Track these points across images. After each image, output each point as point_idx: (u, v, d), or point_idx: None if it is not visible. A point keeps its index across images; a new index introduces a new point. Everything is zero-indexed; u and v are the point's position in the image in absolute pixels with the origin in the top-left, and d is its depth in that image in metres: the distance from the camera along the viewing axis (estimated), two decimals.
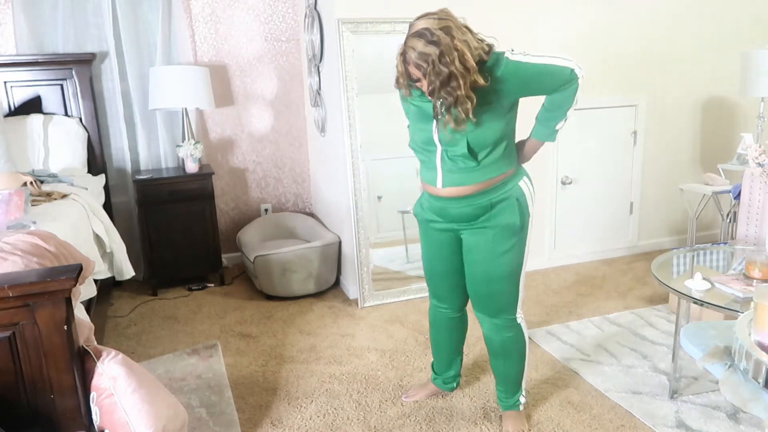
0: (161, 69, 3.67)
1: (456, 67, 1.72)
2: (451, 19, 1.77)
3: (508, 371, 2.19)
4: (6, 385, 1.63)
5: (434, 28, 1.73)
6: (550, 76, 1.84)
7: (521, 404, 2.24)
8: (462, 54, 1.72)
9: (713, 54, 4.17)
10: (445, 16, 1.77)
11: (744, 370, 1.43)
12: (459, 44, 1.72)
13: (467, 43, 1.75)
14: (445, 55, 1.72)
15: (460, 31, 1.75)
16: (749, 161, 2.75)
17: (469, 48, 1.74)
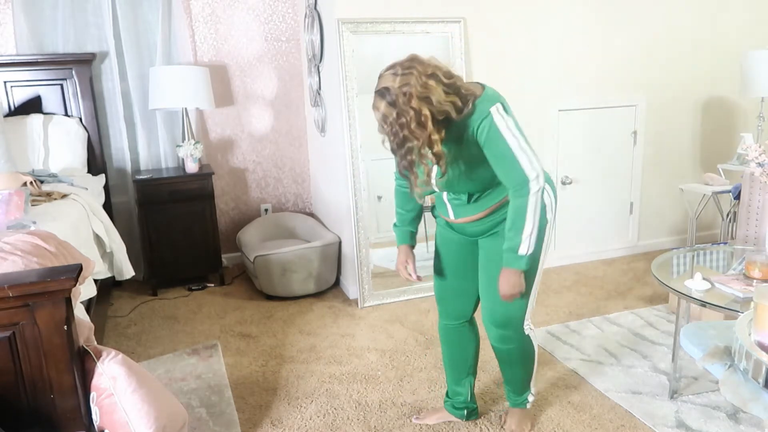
0: (161, 69, 3.67)
1: (411, 130, 1.66)
2: (414, 73, 1.66)
3: (515, 376, 2.16)
4: (6, 385, 1.63)
5: (394, 87, 1.66)
6: (507, 167, 1.74)
7: (529, 402, 2.22)
8: (419, 115, 1.64)
9: (713, 54, 4.17)
10: (406, 71, 1.67)
11: (744, 370, 1.43)
12: (417, 104, 1.64)
13: (428, 101, 1.65)
14: (401, 116, 1.65)
15: (423, 87, 1.65)
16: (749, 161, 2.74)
17: (429, 106, 1.65)
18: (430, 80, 1.67)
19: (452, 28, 3.45)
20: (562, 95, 3.84)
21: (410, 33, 3.36)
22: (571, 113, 3.90)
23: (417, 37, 3.40)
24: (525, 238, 1.78)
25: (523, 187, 1.75)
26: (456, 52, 3.48)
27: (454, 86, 1.72)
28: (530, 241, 1.78)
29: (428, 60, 1.74)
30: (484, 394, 2.49)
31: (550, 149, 3.86)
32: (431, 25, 3.39)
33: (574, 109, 3.89)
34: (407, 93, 1.65)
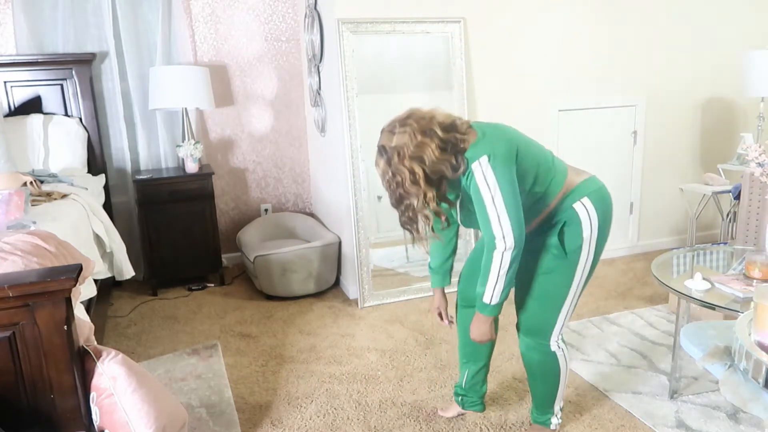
0: (161, 69, 3.67)
1: (406, 189, 1.71)
2: (408, 131, 1.70)
3: (536, 390, 2.13)
4: (6, 385, 1.63)
5: (389, 145, 1.72)
6: (482, 222, 1.77)
7: (551, 424, 2.15)
8: (413, 174, 1.69)
9: (713, 54, 4.17)
10: (402, 128, 1.71)
11: (744, 370, 1.43)
12: (410, 164, 1.68)
13: (421, 160, 1.69)
14: (396, 175, 1.71)
15: (417, 147, 1.68)
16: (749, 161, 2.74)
17: (422, 165, 1.69)
18: (424, 138, 1.70)
19: (452, 28, 3.45)
20: (562, 95, 3.84)
21: (410, 33, 3.36)
22: (571, 113, 3.90)
23: (417, 37, 3.40)
24: (489, 289, 1.80)
25: (491, 243, 1.76)
26: (456, 52, 3.48)
27: (451, 141, 1.72)
28: (494, 292, 1.80)
29: (426, 113, 1.76)
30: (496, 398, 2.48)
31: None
32: (431, 25, 3.39)
33: (574, 109, 3.89)
34: (401, 153, 1.69)
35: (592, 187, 1.89)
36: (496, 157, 1.72)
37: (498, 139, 1.77)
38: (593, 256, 1.90)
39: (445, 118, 1.76)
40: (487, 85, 3.63)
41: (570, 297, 1.93)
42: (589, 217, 1.85)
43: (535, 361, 2.05)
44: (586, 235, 1.86)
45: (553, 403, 2.13)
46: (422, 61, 3.45)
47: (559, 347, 2.02)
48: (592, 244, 1.88)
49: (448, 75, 3.51)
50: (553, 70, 3.78)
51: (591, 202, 1.86)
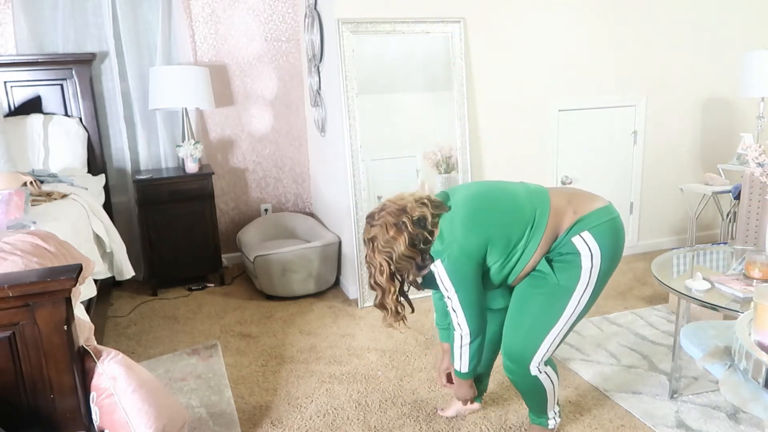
0: (161, 69, 3.67)
1: (376, 280, 1.86)
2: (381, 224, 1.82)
3: (527, 402, 2.12)
4: (6, 385, 1.63)
5: (367, 237, 1.86)
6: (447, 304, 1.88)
7: (549, 424, 2.14)
8: (380, 268, 1.82)
9: (713, 54, 4.17)
10: (376, 221, 1.84)
11: (744, 370, 1.43)
12: (379, 257, 1.82)
13: (389, 256, 1.81)
14: (370, 266, 1.87)
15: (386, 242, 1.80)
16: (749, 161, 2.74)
17: (389, 261, 1.81)
18: (394, 232, 1.80)
19: (452, 28, 3.45)
20: (562, 95, 3.84)
21: (410, 33, 3.36)
22: (571, 113, 3.90)
23: (417, 37, 3.41)
24: (456, 361, 1.97)
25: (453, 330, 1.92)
26: (456, 52, 3.48)
27: (420, 237, 1.80)
28: (461, 364, 1.95)
29: (399, 206, 1.83)
30: (487, 397, 2.49)
31: (550, 149, 3.86)
32: (431, 25, 3.39)
33: (574, 109, 3.89)
34: (374, 245, 1.83)
35: (597, 221, 1.83)
36: (449, 258, 1.80)
37: (454, 238, 1.80)
38: (594, 288, 1.86)
39: (418, 212, 1.82)
40: (487, 85, 3.63)
41: (560, 325, 1.88)
42: (590, 251, 1.81)
43: (516, 381, 2.02)
44: (586, 267, 1.82)
45: (546, 411, 2.12)
46: (422, 61, 3.45)
47: (540, 371, 1.95)
48: (593, 278, 1.84)
49: (448, 75, 3.51)
50: (553, 70, 3.78)
51: (593, 236, 1.81)
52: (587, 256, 1.81)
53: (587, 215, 1.84)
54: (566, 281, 1.84)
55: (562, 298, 1.86)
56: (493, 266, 1.85)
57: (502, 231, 1.82)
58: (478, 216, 1.84)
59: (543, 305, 1.87)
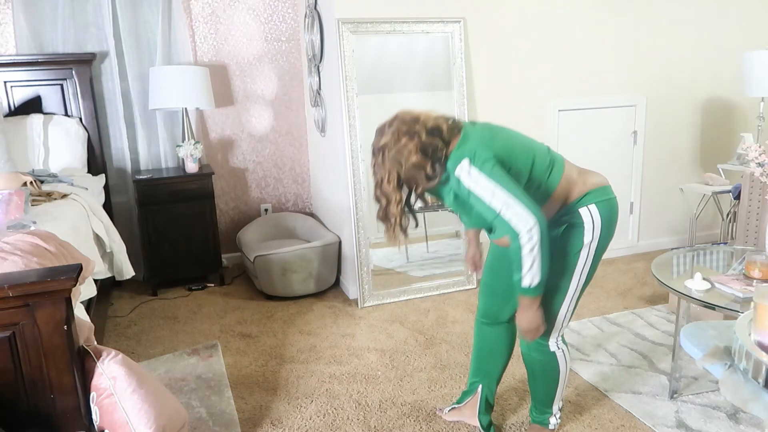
0: (161, 69, 3.67)
1: (382, 189, 1.79)
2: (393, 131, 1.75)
3: (536, 388, 2.12)
4: (6, 385, 1.63)
5: (377, 145, 1.80)
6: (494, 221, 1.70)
7: (550, 423, 2.16)
8: (388, 176, 1.76)
9: (713, 54, 4.17)
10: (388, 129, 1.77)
11: (744, 370, 1.43)
12: (389, 165, 1.76)
13: (398, 163, 1.74)
14: (377, 174, 1.81)
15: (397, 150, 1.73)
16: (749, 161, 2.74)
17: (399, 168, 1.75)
18: (407, 140, 1.73)
19: (452, 28, 3.45)
20: (562, 95, 3.84)
21: (410, 33, 3.36)
22: (571, 113, 3.90)
23: (417, 37, 3.41)
24: (526, 274, 1.73)
25: (514, 238, 1.70)
26: (456, 52, 3.48)
27: (432, 146, 1.73)
28: (532, 274, 1.72)
29: (413, 115, 1.78)
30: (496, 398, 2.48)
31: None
32: (431, 25, 3.39)
33: (574, 109, 3.89)
34: (383, 153, 1.77)
35: (603, 196, 1.87)
36: (477, 157, 1.71)
37: (479, 140, 1.76)
38: (591, 263, 1.90)
39: (433, 121, 1.77)
40: (487, 85, 3.63)
41: (567, 299, 1.92)
42: (593, 223, 1.84)
43: (535, 361, 2.05)
44: (587, 241, 1.85)
45: (552, 403, 2.13)
46: (422, 61, 3.45)
47: (559, 347, 2.02)
48: (591, 251, 1.87)
49: (448, 75, 3.51)
50: (553, 70, 3.78)
51: (598, 209, 1.85)
52: (590, 229, 1.84)
53: (595, 189, 1.87)
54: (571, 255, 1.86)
55: (567, 272, 1.88)
56: None
57: (523, 154, 1.81)
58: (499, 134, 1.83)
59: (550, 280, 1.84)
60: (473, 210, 1.78)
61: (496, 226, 1.72)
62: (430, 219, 3.62)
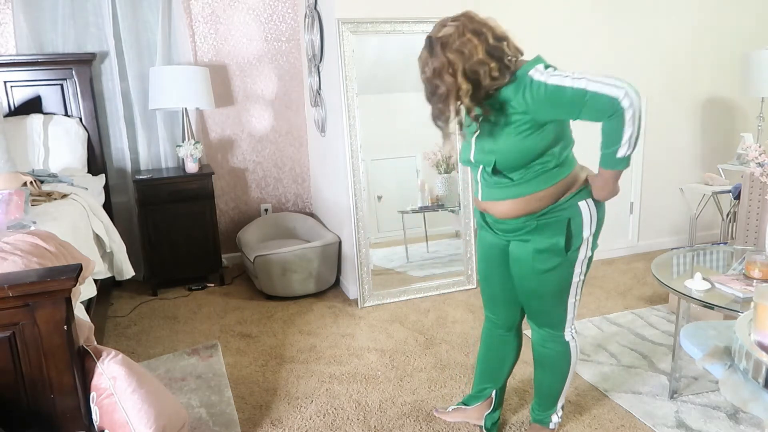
0: (161, 69, 3.67)
1: (442, 78, 1.70)
2: (458, 26, 1.67)
3: (543, 382, 2.11)
4: (6, 385, 1.63)
5: (435, 35, 1.70)
6: (585, 105, 1.61)
7: (552, 422, 2.16)
8: (451, 66, 1.67)
9: (713, 54, 4.17)
10: (452, 23, 1.69)
11: (744, 370, 1.43)
12: (451, 55, 1.66)
13: (462, 55, 1.66)
14: (435, 63, 1.70)
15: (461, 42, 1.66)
16: (749, 161, 2.74)
17: (462, 59, 1.66)
18: (472, 36, 1.66)
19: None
20: None
21: (410, 33, 3.36)
22: None
23: (417, 37, 3.40)
24: (624, 143, 1.64)
25: (613, 109, 1.61)
26: None
27: (499, 50, 1.67)
28: (630, 143, 1.64)
29: (481, 19, 1.72)
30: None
31: None
32: (431, 25, 3.37)
33: None
34: (445, 43, 1.67)
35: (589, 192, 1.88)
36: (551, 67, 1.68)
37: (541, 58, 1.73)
38: (590, 255, 1.92)
39: (501, 30, 1.72)
40: None
41: (573, 290, 1.93)
42: (591, 217, 1.85)
43: (548, 352, 2.04)
44: (585, 235, 1.86)
45: (557, 399, 2.13)
46: None
47: (573, 337, 2.03)
48: (589, 244, 1.89)
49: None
50: None
51: (594, 204, 1.86)
52: (588, 225, 1.85)
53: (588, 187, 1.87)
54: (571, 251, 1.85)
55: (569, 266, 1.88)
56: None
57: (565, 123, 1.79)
58: None
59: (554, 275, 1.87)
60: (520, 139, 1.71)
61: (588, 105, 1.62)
62: (430, 219, 3.62)
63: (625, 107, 1.61)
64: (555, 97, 1.64)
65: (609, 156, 1.69)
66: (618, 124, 1.63)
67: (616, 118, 1.62)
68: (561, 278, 1.89)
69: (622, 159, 1.68)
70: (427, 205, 3.59)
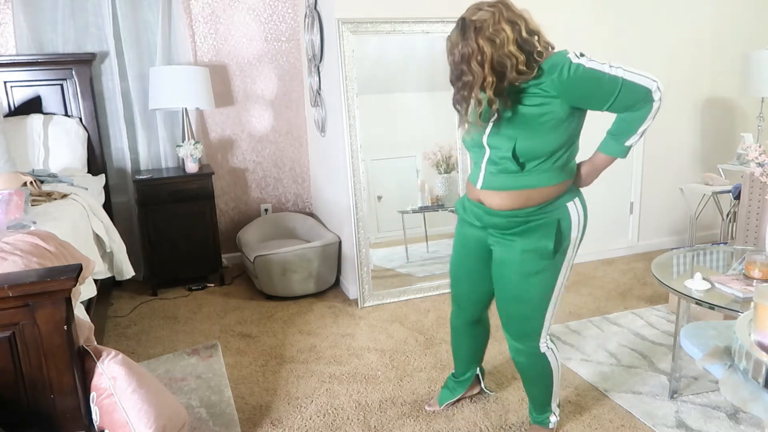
0: (161, 69, 3.67)
1: (470, 66, 1.66)
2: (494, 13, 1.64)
3: (531, 392, 2.14)
4: (6, 385, 1.63)
5: (469, 18, 1.68)
6: (619, 94, 1.65)
7: (550, 423, 2.17)
8: (481, 53, 1.63)
9: (713, 54, 4.17)
10: (488, 9, 1.66)
11: (744, 370, 1.43)
12: (482, 42, 1.63)
13: (494, 44, 1.63)
14: (465, 48, 1.66)
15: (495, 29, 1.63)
16: (749, 161, 2.74)
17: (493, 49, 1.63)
18: (506, 26, 1.64)
19: (452, 27, 3.44)
20: None
21: (410, 33, 3.36)
22: None
23: (417, 37, 3.40)
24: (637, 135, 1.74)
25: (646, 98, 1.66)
26: None
27: (530, 44, 1.65)
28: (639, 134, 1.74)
29: (517, 9, 1.70)
30: (487, 397, 2.49)
31: None
32: (431, 25, 3.39)
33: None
34: (478, 28, 1.64)
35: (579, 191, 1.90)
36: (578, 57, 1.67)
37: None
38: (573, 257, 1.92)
39: (534, 24, 1.69)
40: None
41: (554, 297, 1.92)
42: (579, 218, 1.85)
43: (527, 365, 2.05)
44: (573, 237, 1.85)
45: (549, 402, 2.14)
46: (422, 61, 3.45)
47: (548, 347, 2.02)
48: (576, 247, 1.89)
49: (448, 75, 3.50)
50: None
51: (582, 205, 1.87)
52: (576, 226, 1.84)
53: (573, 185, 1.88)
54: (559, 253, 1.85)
55: (554, 270, 1.87)
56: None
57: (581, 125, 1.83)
58: None
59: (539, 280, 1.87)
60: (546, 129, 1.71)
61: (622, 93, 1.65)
62: (430, 219, 3.62)
63: (655, 99, 1.66)
64: (592, 80, 1.65)
65: (616, 142, 1.75)
66: (643, 114, 1.68)
67: (644, 109, 1.67)
68: (545, 283, 1.88)
69: (626, 148, 1.76)
70: (427, 205, 3.59)
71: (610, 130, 1.78)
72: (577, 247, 1.89)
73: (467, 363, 2.34)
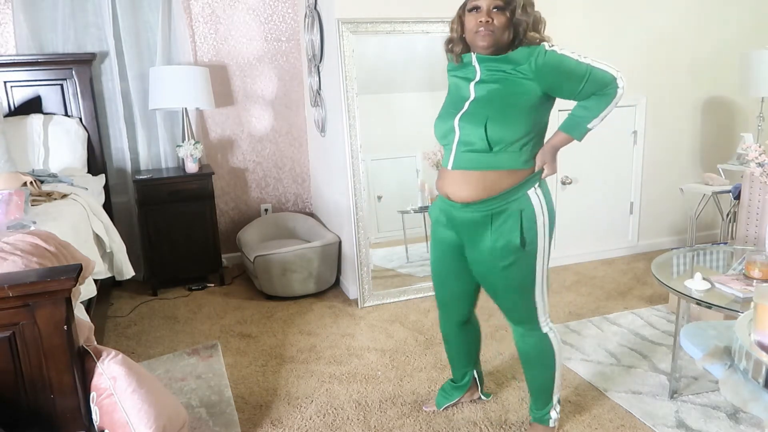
0: (161, 69, 3.67)
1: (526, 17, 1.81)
2: None
3: (533, 379, 2.14)
4: (6, 385, 1.63)
5: None
6: (588, 79, 1.81)
7: (551, 419, 2.17)
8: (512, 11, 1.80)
9: (713, 54, 4.17)
10: None
11: (744, 370, 1.43)
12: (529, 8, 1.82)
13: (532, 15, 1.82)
14: None
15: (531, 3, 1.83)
16: (749, 161, 2.74)
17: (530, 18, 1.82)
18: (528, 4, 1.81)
19: None
20: None
21: (410, 33, 3.36)
22: None
23: (417, 37, 3.40)
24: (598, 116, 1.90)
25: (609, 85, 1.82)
26: None
27: (520, 23, 1.80)
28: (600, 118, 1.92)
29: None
30: (496, 398, 2.49)
31: None
32: (431, 25, 3.39)
33: None
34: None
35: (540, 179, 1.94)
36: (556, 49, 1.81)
37: None
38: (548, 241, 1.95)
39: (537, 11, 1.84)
40: None
41: (539, 281, 1.96)
42: (541, 206, 1.90)
43: (530, 347, 2.07)
44: (540, 222, 1.90)
45: (551, 393, 2.14)
46: (422, 61, 3.45)
47: (550, 328, 2.07)
48: (547, 231, 1.92)
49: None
50: None
51: (542, 191, 1.92)
52: (540, 212, 1.89)
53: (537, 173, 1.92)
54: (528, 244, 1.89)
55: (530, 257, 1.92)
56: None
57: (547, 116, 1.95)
58: None
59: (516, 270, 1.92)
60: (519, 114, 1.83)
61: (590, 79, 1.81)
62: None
63: (620, 86, 1.83)
64: (564, 65, 1.80)
65: (578, 121, 1.90)
66: (606, 100, 1.85)
67: (608, 94, 1.84)
68: (523, 272, 1.93)
69: (585, 130, 1.92)
70: (427, 205, 3.59)
71: (573, 112, 1.91)
72: (548, 231, 1.93)
73: (464, 366, 2.34)
